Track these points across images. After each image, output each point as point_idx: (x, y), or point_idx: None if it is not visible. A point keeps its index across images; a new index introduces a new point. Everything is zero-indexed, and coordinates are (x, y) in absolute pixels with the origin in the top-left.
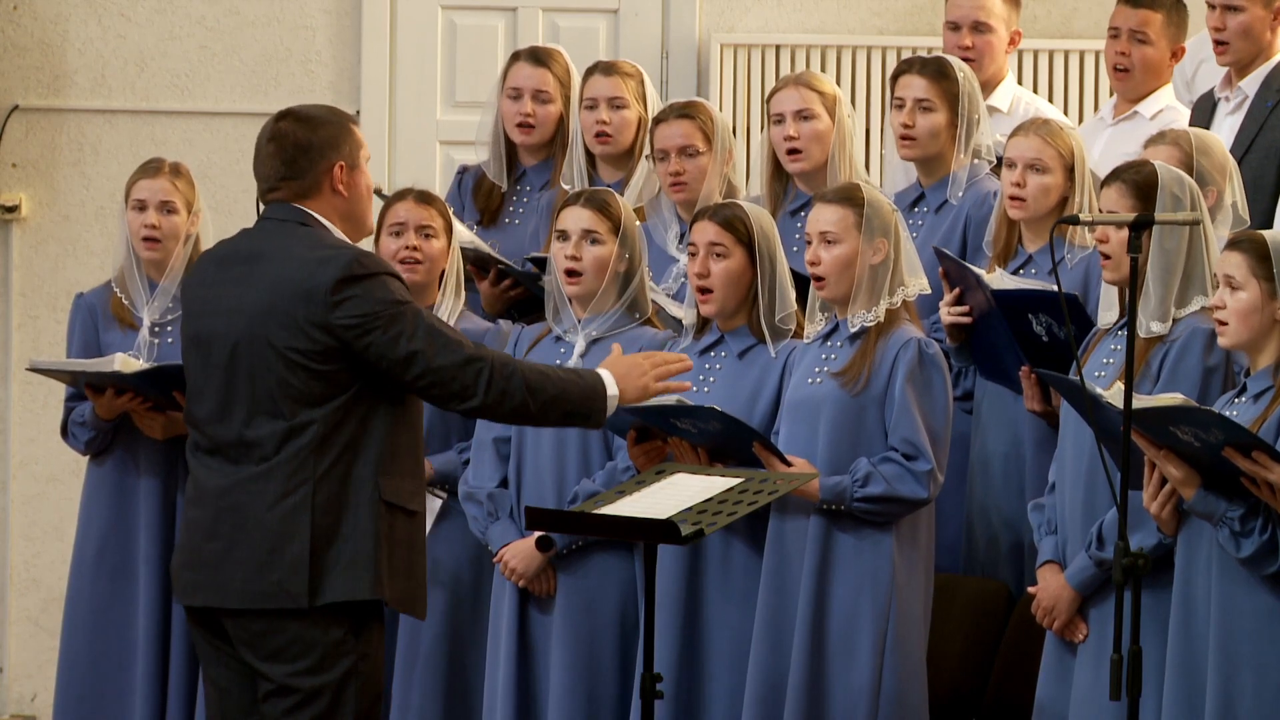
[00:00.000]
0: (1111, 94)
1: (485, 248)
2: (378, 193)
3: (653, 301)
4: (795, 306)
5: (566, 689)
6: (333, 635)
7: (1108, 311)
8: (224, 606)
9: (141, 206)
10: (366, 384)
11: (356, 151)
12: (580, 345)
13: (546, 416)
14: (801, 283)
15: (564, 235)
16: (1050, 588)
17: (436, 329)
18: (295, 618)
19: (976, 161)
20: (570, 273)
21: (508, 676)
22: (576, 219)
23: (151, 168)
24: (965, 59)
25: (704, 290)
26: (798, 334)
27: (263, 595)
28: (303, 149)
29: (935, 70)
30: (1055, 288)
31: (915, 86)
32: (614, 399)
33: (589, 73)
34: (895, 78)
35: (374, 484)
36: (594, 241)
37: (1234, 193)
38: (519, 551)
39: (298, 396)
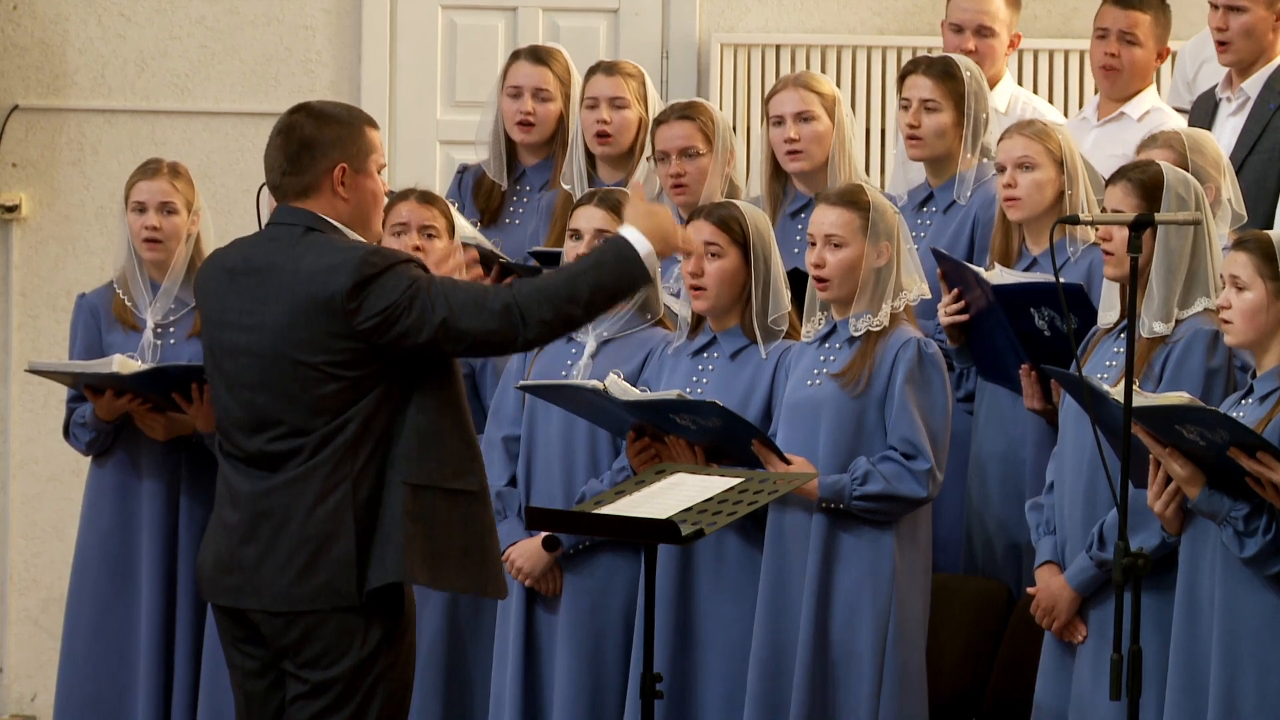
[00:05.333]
0: (1096, 93)
1: (487, 243)
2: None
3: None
4: (789, 308)
5: (572, 688)
6: (370, 641)
7: (1108, 311)
8: (266, 610)
9: (141, 208)
10: (397, 376)
11: (365, 155)
12: (591, 345)
13: (596, 311)
14: (799, 282)
15: (577, 234)
16: (1049, 588)
17: (454, 290)
18: (331, 618)
19: (985, 162)
20: None
21: (514, 675)
22: (589, 218)
23: (150, 169)
24: None
25: (697, 288)
26: (791, 335)
27: (308, 597)
28: (306, 145)
29: (941, 70)
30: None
31: (921, 87)
32: (649, 255)
33: (590, 73)
34: (902, 78)
35: (399, 467)
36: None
37: (1230, 189)
38: (526, 551)
39: (330, 407)
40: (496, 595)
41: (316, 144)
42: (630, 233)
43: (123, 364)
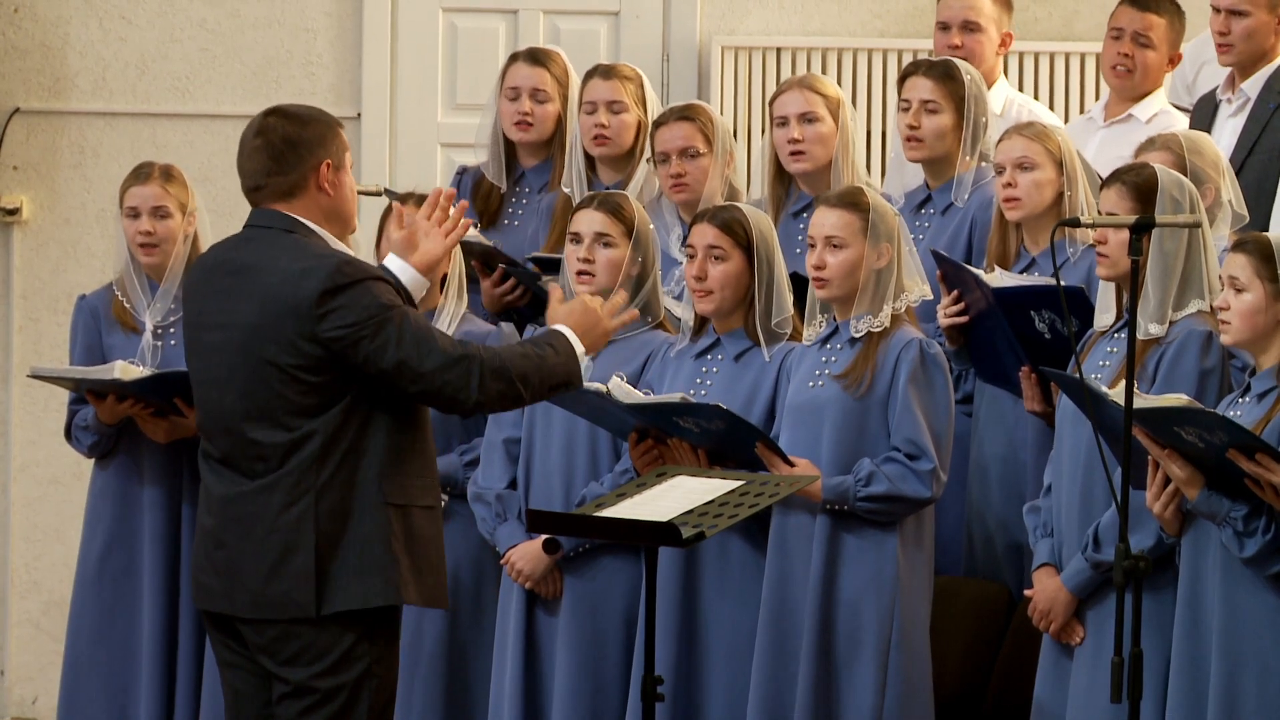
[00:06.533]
0: (1098, 96)
1: (488, 243)
2: (387, 192)
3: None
4: (792, 310)
5: (572, 690)
6: (347, 640)
7: (1104, 314)
8: (236, 615)
9: (135, 214)
10: (363, 389)
11: (343, 152)
12: None
13: (536, 397)
14: (802, 284)
15: (577, 238)
16: (1046, 590)
17: (423, 334)
18: (308, 625)
19: (984, 164)
20: (582, 274)
21: (514, 678)
22: (589, 222)
23: (142, 174)
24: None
25: (702, 291)
26: (794, 337)
27: (271, 605)
28: (291, 145)
29: (941, 72)
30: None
31: (921, 88)
32: (583, 356)
33: (588, 76)
34: (902, 79)
35: (377, 487)
36: (606, 244)
37: (1229, 190)
38: (526, 553)
39: (295, 409)
40: (443, 606)
41: (301, 142)
42: (568, 333)
43: (124, 370)
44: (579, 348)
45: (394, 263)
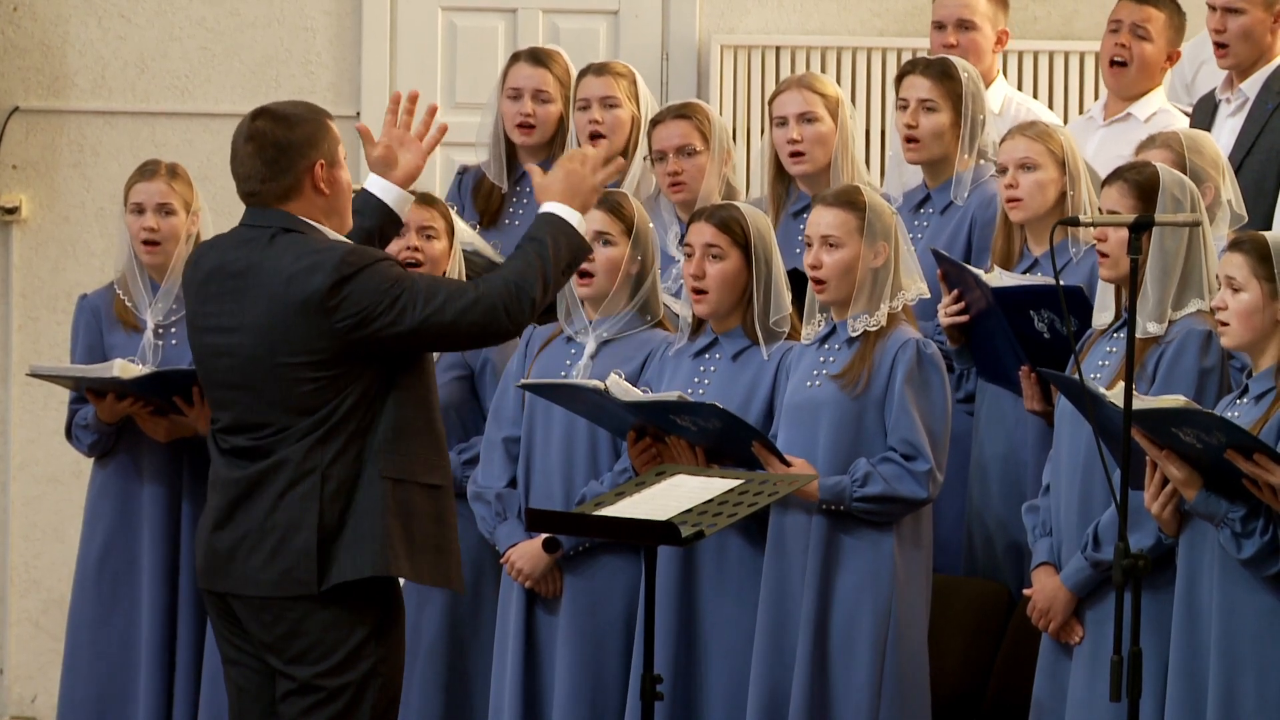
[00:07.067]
0: (1097, 94)
1: (488, 249)
2: None
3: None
4: (790, 309)
5: (572, 690)
6: (355, 638)
7: (1103, 313)
8: (237, 594)
9: (140, 210)
10: (374, 373)
11: (335, 148)
12: (591, 346)
13: (557, 287)
14: (802, 282)
15: None
16: (1045, 589)
17: (435, 290)
18: (314, 613)
19: (982, 163)
20: (582, 273)
21: (514, 677)
22: (589, 220)
23: (148, 170)
24: None
25: (699, 291)
26: (793, 336)
27: (272, 583)
28: (282, 149)
29: (939, 70)
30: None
31: (918, 87)
32: (579, 222)
33: (581, 74)
34: (900, 78)
35: (376, 462)
36: (606, 243)
37: (1229, 189)
38: (526, 552)
39: (306, 404)
40: (459, 589)
41: (292, 146)
42: (554, 207)
43: (123, 368)
44: (573, 217)
45: (375, 183)
